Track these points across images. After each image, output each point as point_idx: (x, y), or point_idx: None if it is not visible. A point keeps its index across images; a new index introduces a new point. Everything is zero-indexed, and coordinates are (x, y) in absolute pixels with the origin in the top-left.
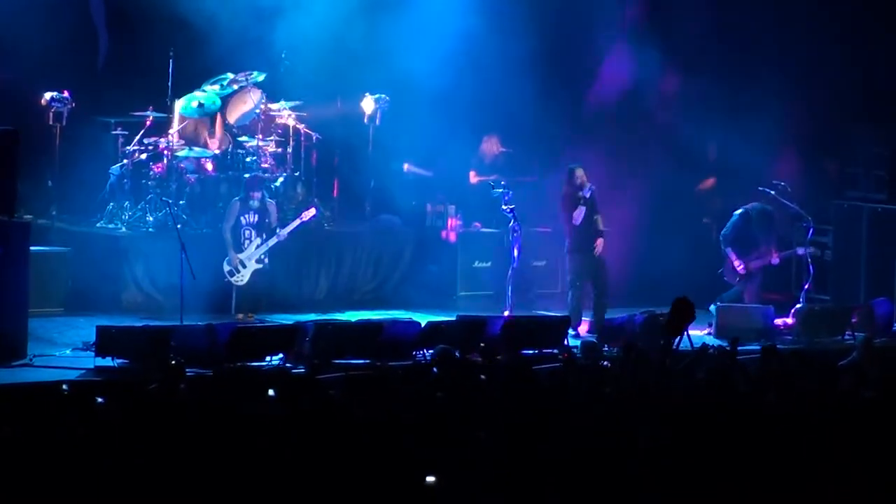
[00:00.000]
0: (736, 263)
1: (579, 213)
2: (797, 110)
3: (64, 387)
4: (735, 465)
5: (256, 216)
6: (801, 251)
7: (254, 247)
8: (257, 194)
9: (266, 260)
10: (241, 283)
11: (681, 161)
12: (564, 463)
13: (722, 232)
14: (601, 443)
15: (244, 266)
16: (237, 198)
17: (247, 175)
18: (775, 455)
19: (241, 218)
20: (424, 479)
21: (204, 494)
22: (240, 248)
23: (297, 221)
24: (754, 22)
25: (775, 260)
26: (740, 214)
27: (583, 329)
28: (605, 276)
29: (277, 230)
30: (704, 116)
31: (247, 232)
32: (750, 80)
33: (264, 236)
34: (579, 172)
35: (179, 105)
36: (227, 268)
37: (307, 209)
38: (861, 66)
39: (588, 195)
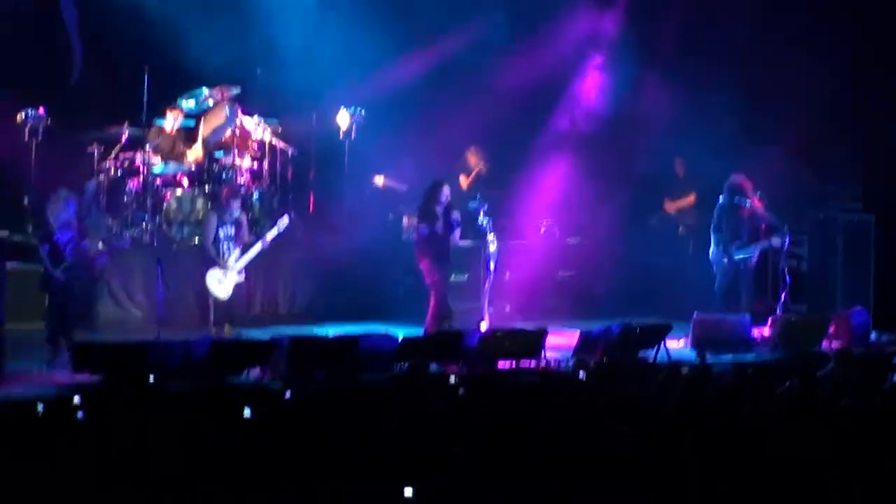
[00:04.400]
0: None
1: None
2: (773, 121)
3: (39, 406)
4: (714, 477)
5: (233, 228)
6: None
7: (233, 259)
8: (236, 203)
9: (244, 272)
10: (224, 297)
11: (657, 174)
12: (542, 474)
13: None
14: (578, 454)
15: (227, 279)
16: (212, 211)
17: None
18: (753, 465)
19: (220, 231)
20: (402, 491)
21: None
22: (222, 261)
23: (275, 230)
24: (730, 34)
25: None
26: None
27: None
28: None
29: (261, 239)
30: (681, 128)
31: (225, 245)
32: (726, 92)
33: (241, 248)
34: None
35: (171, 115)
36: (212, 281)
37: (281, 217)
38: (838, 77)
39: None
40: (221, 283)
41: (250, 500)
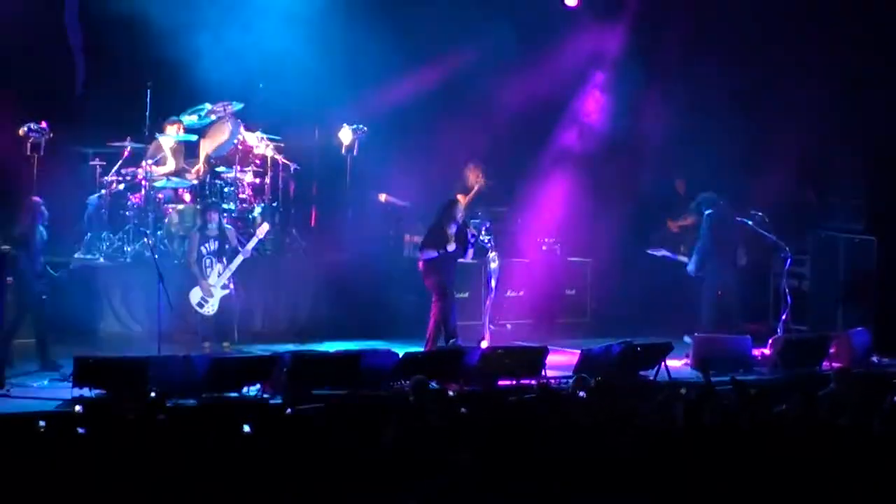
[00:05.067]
0: None
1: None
2: (775, 139)
3: (41, 423)
4: (712, 478)
5: (216, 243)
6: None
7: (216, 274)
8: (214, 216)
9: (231, 285)
10: (211, 313)
11: (658, 192)
12: (542, 475)
13: None
14: (578, 454)
15: (212, 295)
16: (195, 229)
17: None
18: (755, 484)
19: (202, 248)
20: None
21: None
22: (204, 278)
23: (255, 239)
24: (732, 53)
25: None
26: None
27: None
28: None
29: (239, 249)
30: (683, 147)
31: (207, 261)
32: (727, 111)
33: (225, 261)
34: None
35: (172, 129)
36: (195, 299)
37: (259, 226)
38: (840, 97)
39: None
40: (205, 299)
41: None
